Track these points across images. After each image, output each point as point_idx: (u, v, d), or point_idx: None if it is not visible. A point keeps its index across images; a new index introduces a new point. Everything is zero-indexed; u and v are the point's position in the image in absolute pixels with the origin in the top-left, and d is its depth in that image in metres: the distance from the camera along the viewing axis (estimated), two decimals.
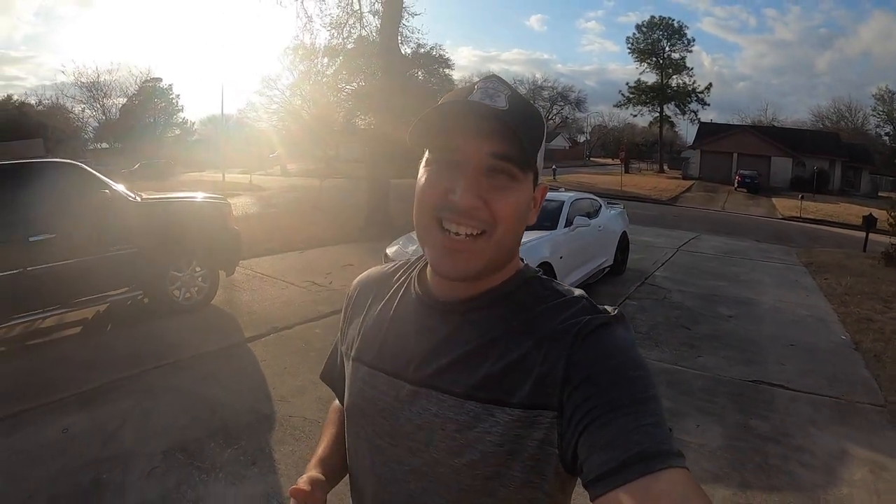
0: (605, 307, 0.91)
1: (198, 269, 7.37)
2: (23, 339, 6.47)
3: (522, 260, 1.02)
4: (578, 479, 0.82)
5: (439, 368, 0.91)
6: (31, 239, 5.85)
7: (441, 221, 0.87)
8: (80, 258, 6.20)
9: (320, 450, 1.19)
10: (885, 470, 4.11)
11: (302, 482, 1.03)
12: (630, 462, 0.71)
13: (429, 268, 1.00)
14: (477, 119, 0.85)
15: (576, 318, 0.87)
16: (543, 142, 0.94)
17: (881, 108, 67.35)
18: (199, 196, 8.05)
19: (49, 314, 6.30)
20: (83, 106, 54.25)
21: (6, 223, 5.74)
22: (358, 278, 1.18)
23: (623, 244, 10.74)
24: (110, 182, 6.69)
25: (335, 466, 1.14)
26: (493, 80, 0.91)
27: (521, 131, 0.84)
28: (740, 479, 3.93)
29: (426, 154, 0.92)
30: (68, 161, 6.67)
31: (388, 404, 0.96)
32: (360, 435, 1.02)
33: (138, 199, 6.89)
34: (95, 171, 6.65)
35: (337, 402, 1.27)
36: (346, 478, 1.13)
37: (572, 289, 0.96)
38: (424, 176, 0.91)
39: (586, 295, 0.94)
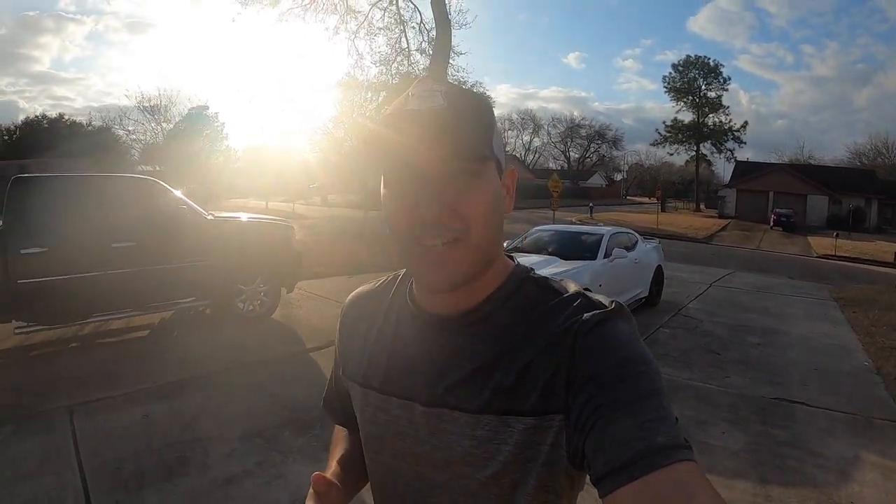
0: (601, 299, 0.89)
1: (261, 284, 7.92)
2: (94, 338, 7.05)
3: (513, 258, 1.01)
4: (587, 475, 0.83)
5: (450, 386, 0.90)
6: (114, 245, 6.44)
7: (417, 239, 0.85)
8: (157, 266, 6.78)
9: (333, 464, 1.16)
10: (894, 473, 4.48)
11: (328, 474, 1.04)
12: (635, 459, 0.71)
13: (415, 284, 1.00)
14: (419, 127, 0.82)
15: (574, 316, 0.86)
16: (496, 127, 0.90)
17: None
18: (246, 217, 8.69)
19: (123, 315, 6.90)
20: (144, 127, 56.02)
21: (92, 229, 6.34)
22: (348, 300, 1.16)
23: (658, 277, 11.09)
24: (187, 199, 7.32)
25: (348, 481, 1.11)
26: (425, 81, 0.89)
27: (465, 125, 0.83)
28: (759, 475, 4.34)
29: (383, 175, 0.89)
30: (150, 178, 7.35)
31: (403, 427, 0.95)
32: (378, 460, 1.02)
33: (210, 216, 7.49)
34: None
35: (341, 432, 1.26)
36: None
37: (567, 284, 0.94)
38: (387, 196, 0.88)
39: (582, 289, 0.92)
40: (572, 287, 0.93)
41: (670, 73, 70.86)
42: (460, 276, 0.86)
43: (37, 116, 54.42)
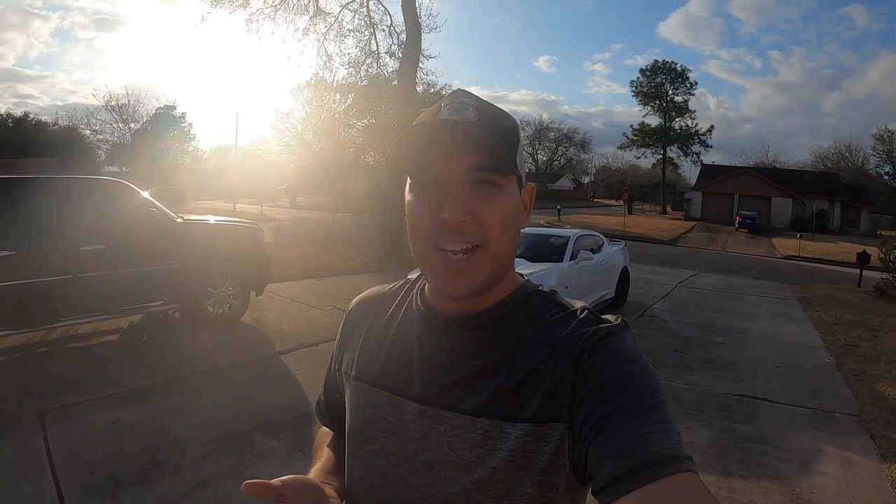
0: (608, 317, 0.91)
1: (231, 287, 7.89)
2: (62, 342, 6.96)
3: (522, 276, 1.02)
4: (589, 489, 0.83)
5: (447, 386, 0.91)
6: (83, 248, 6.34)
7: (437, 244, 0.87)
8: (126, 269, 6.68)
9: (318, 464, 1.13)
10: (854, 465, 4.64)
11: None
12: (637, 469, 0.72)
13: (428, 286, 1.00)
14: (448, 136, 0.85)
15: (582, 328, 0.87)
16: (521, 144, 0.94)
17: (881, 148, 68.44)
18: (215, 219, 8.65)
19: (92, 320, 6.78)
20: (111, 127, 55.44)
21: (61, 232, 6.24)
22: (356, 298, 1.17)
23: (624, 278, 11.29)
24: (156, 202, 7.27)
25: (336, 481, 1.07)
26: (458, 94, 0.91)
27: (493, 139, 0.85)
28: (723, 469, 4.47)
29: (409, 180, 0.92)
30: (119, 180, 7.28)
31: (392, 424, 0.95)
32: (359, 457, 1.00)
33: (180, 219, 7.43)
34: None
35: (324, 427, 1.24)
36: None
37: (574, 301, 0.97)
38: (411, 201, 0.90)
39: (588, 307, 0.94)
40: (578, 304, 0.95)
41: (638, 77, 71.61)
42: (478, 284, 0.88)
43: (1, 115, 53.62)
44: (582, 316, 0.90)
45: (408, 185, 0.92)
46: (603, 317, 0.91)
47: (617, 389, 0.79)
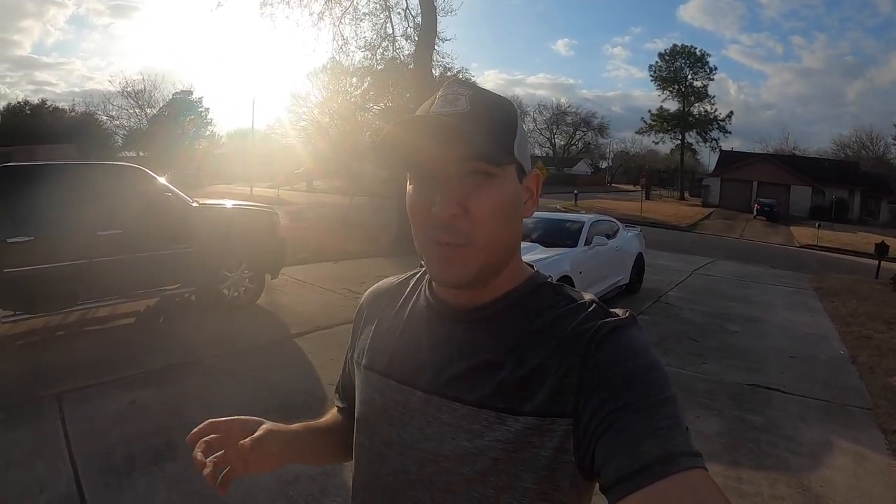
0: (616, 310, 0.89)
1: (246, 270, 7.96)
2: (80, 326, 7.03)
3: (532, 266, 1.01)
4: (596, 486, 0.82)
5: (452, 376, 0.90)
6: (100, 233, 6.42)
7: (431, 236, 0.87)
8: (143, 253, 6.77)
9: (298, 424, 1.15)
10: (865, 459, 4.62)
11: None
12: (646, 466, 0.71)
13: None
14: (437, 129, 0.84)
15: (589, 322, 0.86)
16: (519, 131, 0.92)
17: None
18: (231, 203, 8.75)
19: (109, 303, 6.89)
20: (127, 113, 55.58)
21: (78, 217, 6.31)
22: (369, 290, 1.18)
23: (639, 264, 11.25)
24: (172, 186, 7.33)
25: (299, 439, 1.13)
26: (452, 84, 0.91)
27: (485, 129, 0.85)
28: (732, 459, 4.48)
29: (408, 175, 0.92)
30: (136, 166, 7.37)
31: (398, 412, 0.95)
32: (366, 444, 1.01)
33: (196, 203, 7.50)
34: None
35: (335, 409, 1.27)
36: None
37: (583, 293, 0.95)
38: (409, 194, 0.90)
39: (597, 299, 0.93)
40: (587, 296, 0.93)
41: (657, 62, 71.11)
42: (470, 273, 0.87)
43: (19, 103, 53.98)
44: (590, 309, 0.88)
45: (408, 177, 0.91)
46: (611, 310, 0.89)
47: (624, 385, 0.78)
